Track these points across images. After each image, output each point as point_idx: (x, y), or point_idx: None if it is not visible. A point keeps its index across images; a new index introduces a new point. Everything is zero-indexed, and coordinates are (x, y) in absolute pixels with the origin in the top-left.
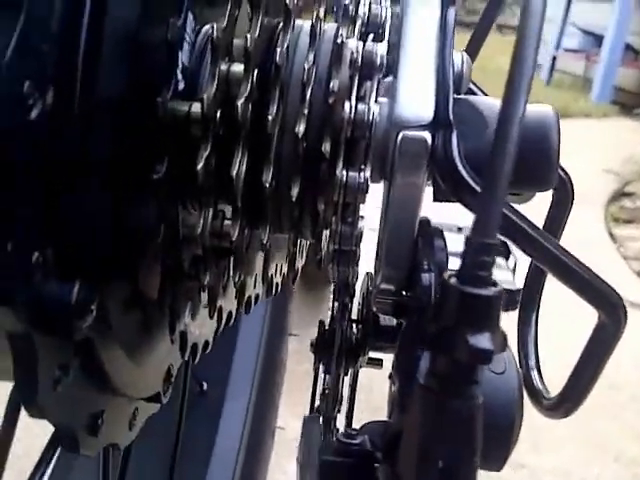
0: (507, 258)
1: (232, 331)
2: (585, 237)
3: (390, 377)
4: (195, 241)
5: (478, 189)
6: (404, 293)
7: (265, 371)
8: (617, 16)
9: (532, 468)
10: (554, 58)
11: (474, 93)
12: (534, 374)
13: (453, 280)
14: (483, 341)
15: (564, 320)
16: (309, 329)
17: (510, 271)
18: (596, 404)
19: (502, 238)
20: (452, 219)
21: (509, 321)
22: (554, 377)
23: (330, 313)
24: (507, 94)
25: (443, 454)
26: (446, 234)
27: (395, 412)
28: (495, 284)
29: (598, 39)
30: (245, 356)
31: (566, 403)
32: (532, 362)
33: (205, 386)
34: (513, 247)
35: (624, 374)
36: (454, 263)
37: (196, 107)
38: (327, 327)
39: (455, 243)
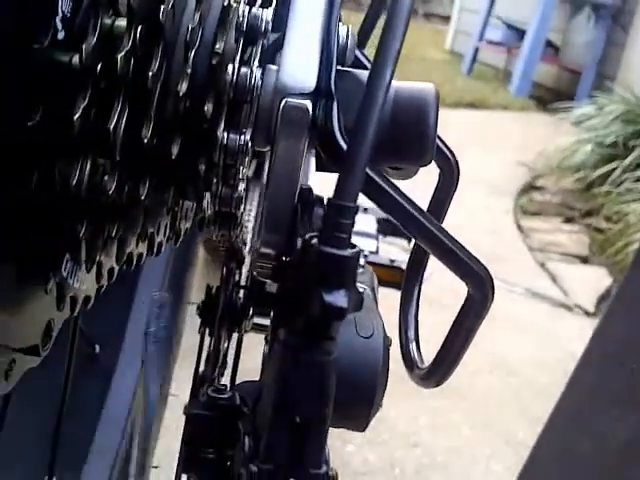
0: (410, 240)
1: (127, 295)
2: (494, 227)
3: (265, 339)
4: (71, 193)
5: None
6: (283, 258)
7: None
8: (539, 11)
9: (426, 447)
10: (476, 49)
11: (365, 67)
12: (412, 346)
13: (314, 241)
14: (337, 298)
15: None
16: None
17: None
18: (493, 388)
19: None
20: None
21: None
22: None
23: (220, 278)
24: (375, 62)
25: (294, 408)
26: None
27: (263, 371)
28: (353, 246)
29: (521, 33)
30: (140, 321)
31: (436, 373)
32: (411, 334)
33: (98, 349)
34: None
35: (521, 360)
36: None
37: (75, 58)
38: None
39: (360, 223)
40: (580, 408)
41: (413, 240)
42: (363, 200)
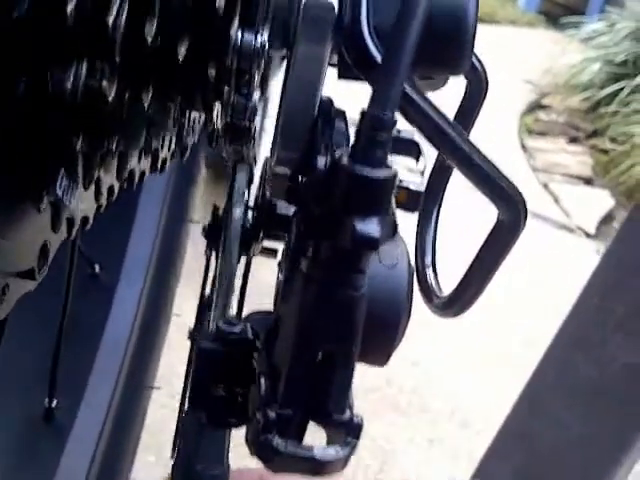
0: (418, 160)
1: (129, 214)
2: (497, 146)
3: (279, 265)
4: (66, 99)
5: None
6: (300, 178)
7: (162, 256)
8: None
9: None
10: None
11: None
12: (429, 272)
13: (345, 159)
14: (370, 227)
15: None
16: None
17: (419, 173)
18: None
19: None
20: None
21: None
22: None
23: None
24: None
25: (318, 346)
26: None
27: (279, 301)
28: (389, 166)
29: None
30: (142, 240)
31: (457, 303)
32: (428, 260)
33: (97, 268)
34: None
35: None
36: None
37: None
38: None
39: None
40: (583, 332)
41: (426, 164)
42: None
